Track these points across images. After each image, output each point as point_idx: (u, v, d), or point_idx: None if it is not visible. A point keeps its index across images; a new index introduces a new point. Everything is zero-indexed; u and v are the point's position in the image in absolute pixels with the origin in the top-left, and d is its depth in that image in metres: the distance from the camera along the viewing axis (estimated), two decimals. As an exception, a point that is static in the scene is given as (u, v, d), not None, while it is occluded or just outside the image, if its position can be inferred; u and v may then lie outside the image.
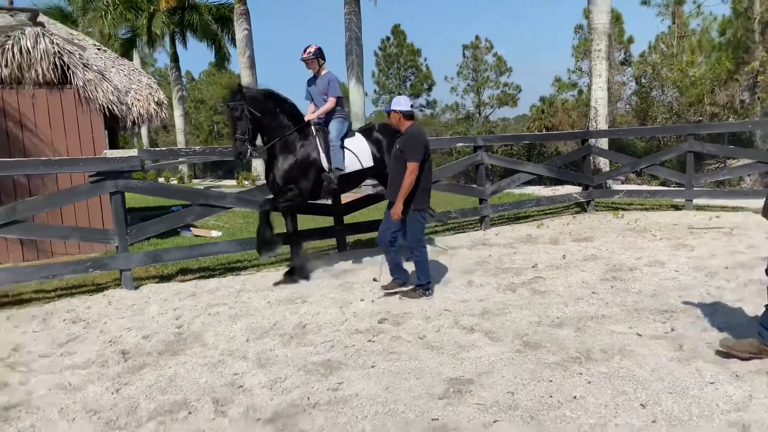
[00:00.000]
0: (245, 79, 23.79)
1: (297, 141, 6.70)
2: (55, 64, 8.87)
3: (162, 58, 63.17)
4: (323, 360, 4.27)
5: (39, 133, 8.91)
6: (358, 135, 7.14)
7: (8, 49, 8.63)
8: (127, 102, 9.91)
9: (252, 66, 23.86)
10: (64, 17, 28.04)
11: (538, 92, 60.90)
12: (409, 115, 5.77)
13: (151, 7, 27.98)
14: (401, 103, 5.77)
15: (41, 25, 9.25)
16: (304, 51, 6.92)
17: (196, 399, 3.74)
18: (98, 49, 11.91)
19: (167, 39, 31.45)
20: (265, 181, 7.08)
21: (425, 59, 45.99)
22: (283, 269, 7.10)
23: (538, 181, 15.85)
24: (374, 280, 6.35)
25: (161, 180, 29.24)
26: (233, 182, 25.90)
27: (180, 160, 8.18)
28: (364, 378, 3.90)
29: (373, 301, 5.70)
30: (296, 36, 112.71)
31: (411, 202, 5.63)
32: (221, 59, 32.61)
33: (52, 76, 8.87)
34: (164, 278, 7.30)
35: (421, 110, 48.86)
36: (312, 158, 6.73)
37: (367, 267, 7.09)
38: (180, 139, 33.62)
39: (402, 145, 5.64)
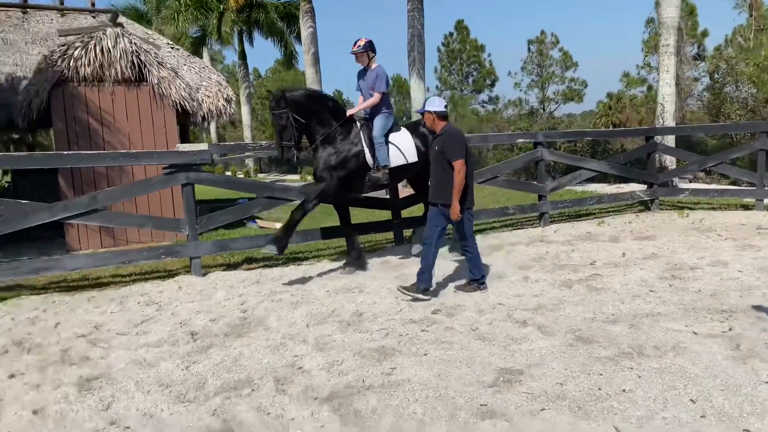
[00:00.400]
0: (309, 77, 24.30)
1: (342, 137, 6.77)
2: (132, 62, 9.41)
3: (230, 56, 64.97)
4: (378, 346, 4.45)
5: (117, 127, 9.48)
6: (403, 130, 7.19)
7: (91, 48, 9.21)
8: (197, 98, 10.38)
9: (316, 63, 24.30)
10: (140, 17, 29.40)
11: (606, 88, 59.06)
12: (443, 116, 5.77)
13: (221, 7, 28.93)
14: (435, 103, 5.78)
15: (120, 25, 9.82)
16: (354, 44, 7.00)
17: (258, 378, 3.99)
18: (171, 48, 12.51)
19: (235, 37, 32.44)
20: None
21: (489, 55, 45.57)
22: (342, 261, 7.33)
23: (602, 178, 15.51)
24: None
25: (228, 173, 30.24)
26: (297, 177, 26.52)
27: (247, 154, 8.52)
28: (417, 364, 4.05)
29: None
30: (360, 33, 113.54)
31: (462, 201, 5.63)
32: (287, 57, 33.35)
33: (130, 74, 9.41)
34: (231, 266, 7.66)
35: (483, 106, 48.46)
36: (353, 152, 6.78)
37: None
38: (247, 134, 34.63)
39: (441, 146, 5.65)
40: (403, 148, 7.04)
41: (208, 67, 12.52)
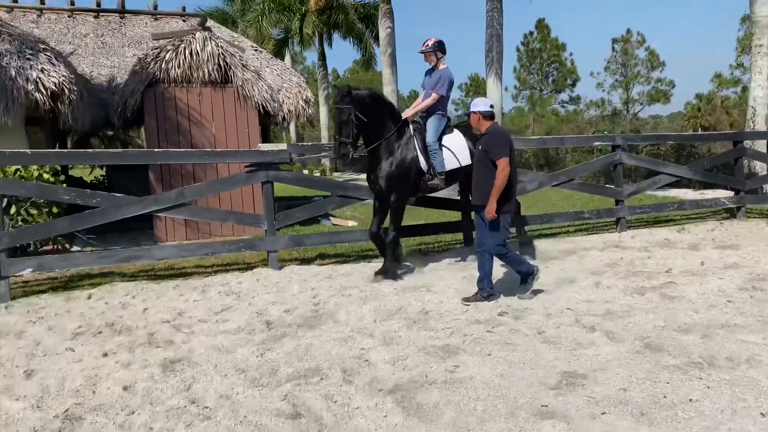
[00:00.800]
0: (386, 77, 24.59)
1: (396, 141, 6.76)
2: (219, 65, 9.91)
3: (310, 57, 66.44)
4: (443, 344, 4.55)
5: (204, 126, 10.01)
6: (456, 132, 7.13)
7: (181, 52, 9.78)
8: (278, 99, 10.80)
9: (393, 64, 24.57)
10: (225, 20, 30.65)
11: (695, 89, 56.41)
12: (488, 116, 5.73)
13: (303, 9, 29.73)
14: (480, 104, 5.77)
15: (209, 29, 10.35)
16: (423, 44, 7.02)
17: (327, 367, 4.18)
18: (255, 50, 13.05)
19: (316, 38, 33.23)
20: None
21: (570, 54, 44.60)
22: (410, 260, 7.46)
23: (687, 184, 14.91)
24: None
25: (305, 172, 31.04)
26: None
27: (323, 154, 8.79)
28: (480, 364, 4.13)
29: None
30: (437, 33, 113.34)
31: (502, 203, 5.53)
32: (366, 57, 33.83)
33: (216, 76, 9.92)
34: (305, 261, 7.95)
35: (563, 106, 47.33)
36: (409, 159, 6.77)
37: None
38: (324, 134, 35.38)
39: (485, 145, 5.62)
40: (456, 152, 6.99)
41: (289, 69, 12.97)
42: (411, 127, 6.98)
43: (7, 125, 8.44)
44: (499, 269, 6.84)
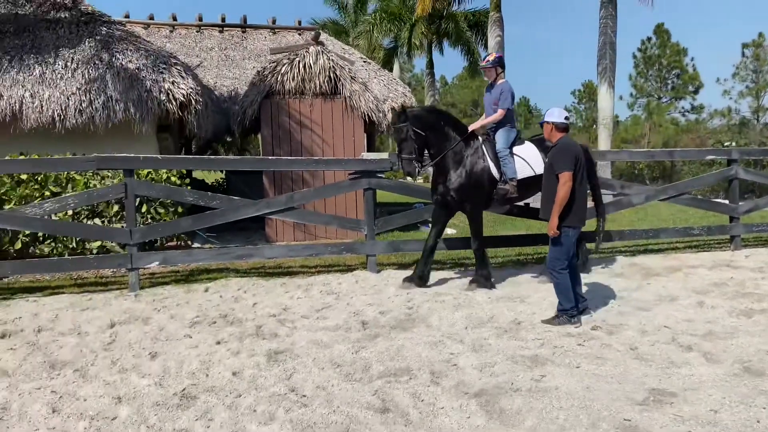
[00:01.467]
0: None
1: (464, 151, 6.76)
2: (329, 77, 10.44)
3: (419, 64, 67.23)
4: (531, 354, 4.64)
5: (314, 135, 10.58)
6: (527, 143, 7.07)
7: (295, 65, 10.40)
8: (383, 109, 11.18)
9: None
10: (338, 32, 31.82)
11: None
12: (562, 127, 5.54)
13: (413, 18, 30.25)
14: (554, 114, 5.57)
15: (321, 44, 10.93)
16: (483, 59, 7.06)
17: (417, 368, 4.40)
18: (364, 62, 13.57)
19: (425, 46, 33.65)
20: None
21: (692, 59, 42.14)
22: (505, 270, 7.52)
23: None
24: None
25: (408, 179, 31.47)
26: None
27: (425, 163, 9.04)
28: (567, 375, 4.18)
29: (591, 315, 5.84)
30: (547, 38, 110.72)
31: (565, 218, 5.35)
32: (473, 65, 33.84)
33: (327, 87, 10.45)
34: (402, 266, 8.22)
35: (683, 115, 44.75)
36: (480, 168, 6.75)
37: (592, 276, 7.19)
38: (428, 141, 35.63)
39: (552, 158, 5.49)
40: (529, 160, 6.90)
41: (395, 79, 13.37)
42: (480, 138, 6.96)
43: (142, 132, 9.40)
44: (589, 278, 6.78)
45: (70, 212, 8.01)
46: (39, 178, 8.14)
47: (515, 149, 6.91)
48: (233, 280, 7.44)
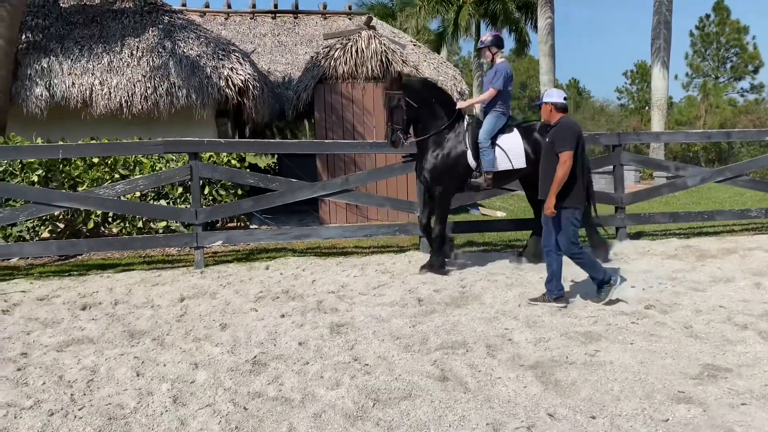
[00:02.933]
0: (544, 66, 24.19)
1: (446, 133, 6.64)
2: (381, 61, 10.60)
3: (466, 47, 66.56)
4: (585, 331, 4.76)
5: (365, 119, 10.79)
6: (515, 132, 6.82)
7: (348, 50, 10.60)
8: (434, 92, 11.27)
9: (551, 54, 24.08)
10: (386, 14, 31.82)
11: None
12: (561, 107, 5.51)
13: (459, 0, 30.03)
14: (553, 95, 5.55)
15: (373, 28, 11.09)
16: (480, 39, 6.93)
17: (472, 342, 4.59)
18: (414, 45, 13.66)
19: (473, 28, 33.35)
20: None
21: (753, 37, 40.43)
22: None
23: None
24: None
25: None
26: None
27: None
28: (621, 351, 4.30)
29: (643, 289, 5.90)
30: (600, 18, 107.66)
31: (564, 198, 5.32)
32: (520, 45, 33.36)
33: (378, 71, 10.62)
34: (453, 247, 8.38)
35: (743, 95, 43.10)
36: (457, 153, 6.61)
37: (645, 257, 7.21)
38: (476, 124, 35.38)
39: (552, 137, 5.44)
40: (510, 153, 6.68)
41: (445, 62, 13.42)
42: (466, 121, 6.80)
43: (202, 117, 9.80)
44: (641, 259, 6.80)
45: (137, 194, 8.47)
46: (109, 162, 8.61)
47: (500, 139, 6.70)
48: (291, 259, 7.75)
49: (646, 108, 37.56)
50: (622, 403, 3.49)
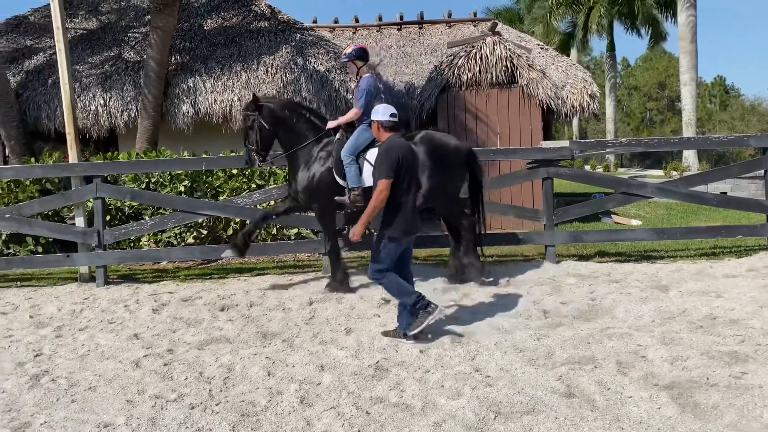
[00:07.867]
0: (684, 65, 22.70)
1: (314, 152, 6.50)
2: (506, 67, 10.44)
3: (598, 46, 63.91)
4: (730, 351, 4.36)
5: (489, 126, 10.67)
6: None
7: (471, 57, 10.56)
8: (562, 96, 10.93)
9: (693, 51, 22.60)
10: (512, 18, 31.30)
11: None
12: (387, 126, 4.89)
13: (591, 1, 28.87)
14: (379, 111, 4.94)
15: (498, 34, 10.95)
16: (343, 52, 6.65)
17: (602, 358, 4.37)
18: (541, 48, 13.32)
19: (605, 27, 31.90)
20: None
21: None
22: (700, 262, 7.02)
23: None
24: None
25: (587, 168, 30.15)
26: (660, 172, 25.02)
27: (607, 150, 8.74)
28: (773, 375, 3.89)
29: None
30: (747, 11, 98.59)
31: (387, 227, 4.78)
32: (656, 43, 31.41)
33: (503, 77, 10.47)
34: (582, 257, 8.04)
35: None
36: (322, 172, 6.44)
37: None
38: (609, 127, 33.85)
39: (374, 161, 4.92)
40: None
41: (574, 64, 12.95)
42: (336, 136, 6.55)
43: (331, 129, 10.19)
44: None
45: (272, 202, 8.96)
46: (247, 173, 9.20)
47: (369, 153, 6.26)
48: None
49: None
50: (774, 433, 3.16)
